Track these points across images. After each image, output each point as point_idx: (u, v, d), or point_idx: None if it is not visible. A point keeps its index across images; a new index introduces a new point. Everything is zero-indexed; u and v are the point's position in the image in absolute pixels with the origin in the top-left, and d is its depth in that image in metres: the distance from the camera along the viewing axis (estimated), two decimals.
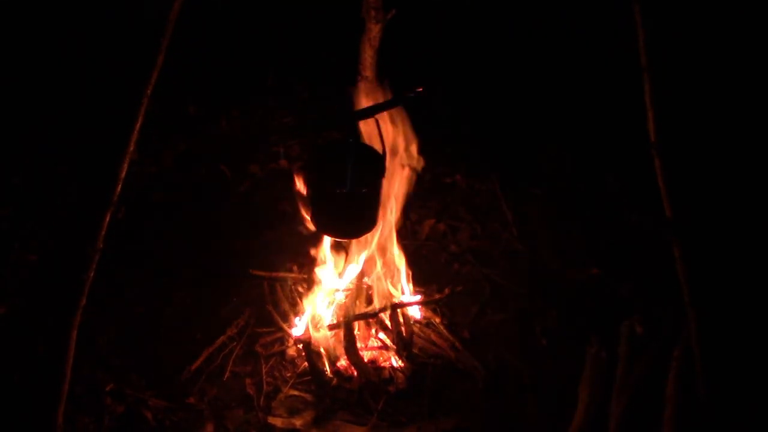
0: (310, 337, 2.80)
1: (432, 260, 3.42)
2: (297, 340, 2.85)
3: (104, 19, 4.07)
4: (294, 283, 3.15)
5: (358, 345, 2.85)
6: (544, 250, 3.46)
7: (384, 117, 2.56)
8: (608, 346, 2.76)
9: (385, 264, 2.97)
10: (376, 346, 2.93)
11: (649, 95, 2.02)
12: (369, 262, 2.97)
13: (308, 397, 2.73)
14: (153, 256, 3.32)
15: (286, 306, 3.04)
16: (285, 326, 2.95)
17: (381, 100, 2.51)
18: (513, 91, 4.31)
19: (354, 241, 2.89)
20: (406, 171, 2.74)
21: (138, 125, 2.01)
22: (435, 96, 2.34)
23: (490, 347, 2.97)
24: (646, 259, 3.22)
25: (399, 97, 2.42)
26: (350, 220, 2.55)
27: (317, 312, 2.93)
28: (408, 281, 3.06)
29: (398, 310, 2.91)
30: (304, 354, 2.81)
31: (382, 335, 2.95)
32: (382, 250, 2.95)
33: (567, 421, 2.55)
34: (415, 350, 2.91)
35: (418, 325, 3.00)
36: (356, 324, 2.87)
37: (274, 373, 2.83)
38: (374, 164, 2.47)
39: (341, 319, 2.85)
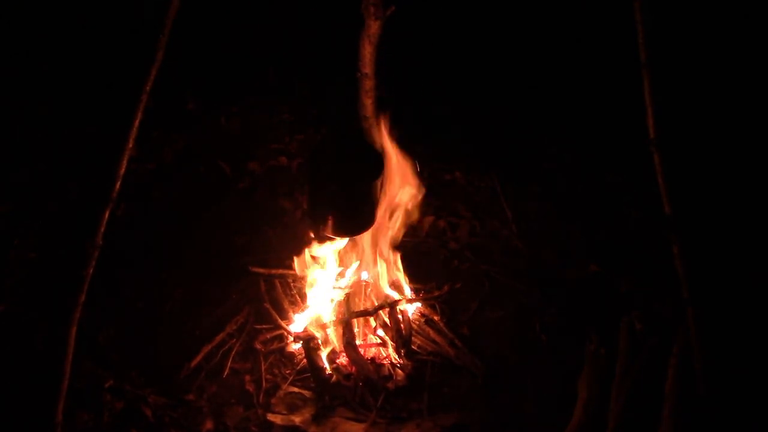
0: (309, 334, 2.80)
1: (431, 257, 3.41)
2: (296, 337, 2.85)
3: (104, 15, 4.08)
4: (293, 280, 3.16)
5: (358, 342, 2.85)
6: (544, 247, 3.46)
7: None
8: (607, 342, 2.76)
9: (384, 261, 2.97)
10: (375, 343, 2.93)
11: (648, 92, 2.02)
12: (368, 259, 2.97)
13: (307, 393, 2.73)
14: (152, 252, 3.32)
15: (285, 303, 3.04)
16: (284, 323, 2.95)
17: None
18: (512, 88, 4.30)
19: (353, 238, 2.90)
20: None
21: (137, 122, 2.01)
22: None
23: (490, 344, 2.97)
24: (645, 255, 3.22)
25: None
26: (348, 218, 2.56)
27: (317, 309, 2.93)
28: (405, 278, 3.07)
29: (397, 307, 2.91)
30: (303, 351, 2.82)
31: (381, 332, 2.95)
32: (381, 246, 2.95)
33: (566, 417, 2.56)
34: (414, 347, 2.92)
35: (417, 321, 3.01)
36: (355, 321, 2.88)
37: (274, 370, 2.84)
38: (372, 162, 2.47)
39: (340, 316, 2.85)
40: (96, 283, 2.12)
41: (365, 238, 2.88)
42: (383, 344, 2.92)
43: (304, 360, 2.81)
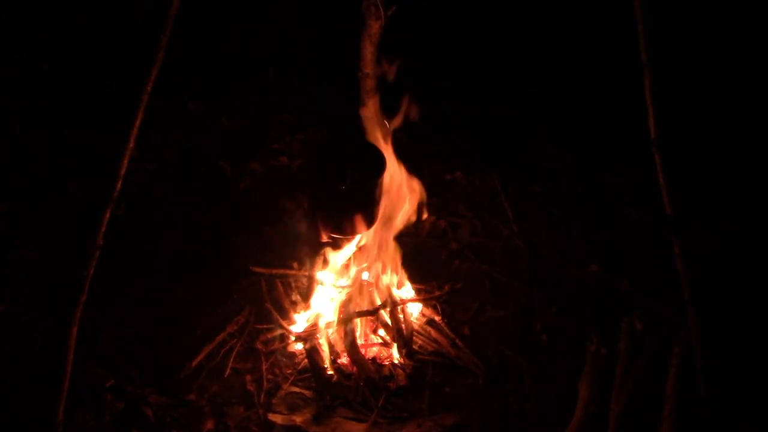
0: (310, 334, 2.80)
1: (432, 257, 3.42)
2: (297, 337, 2.85)
3: (104, 15, 4.08)
4: (294, 280, 3.16)
5: (359, 342, 2.85)
6: (545, 246, 3.46)
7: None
8: (608, 342, 2.76)
9: (385, 260, 2.97)
10: (376, 343, 2.93)
11: (649, 92, 2.02)
12: (369, 259, 2.97)
13: (308, 393, 2.73)
14: (153, 252, 3.32)
15: (286, 303, 3.04)
16: (285, 323, 2.95)
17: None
18: (513, 88, 4.31)
19: (354, 238, 2.90)
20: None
21: (138, 122, 2.01)
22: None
23: (490, 344, 2.97)
24: (646, 255, 3.22)
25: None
26: (350, 217, 2.56)
27: (318, 309, 2.93)
28: (405, 278, 3.06)
29: (398, 307, 2.91)
30: (304, 351, 2.82)
31: (382, 332, 2.95)
32: (382, 246, 2.95)
33: (567, 417, 2.56)
34: (415, 347, 2.92)
35: (418, 321, 3.01)
36: (357, 321, 2.88)
37: (275, 370, 2.83)
38: (374, 161, 2.47)
39: (342, 316, 2.85)
40: (96, 283, 2.12)
41: (367, 237, 2.88)
42: (384, 344, 2.92)
43: (305, 360, 2.81)
